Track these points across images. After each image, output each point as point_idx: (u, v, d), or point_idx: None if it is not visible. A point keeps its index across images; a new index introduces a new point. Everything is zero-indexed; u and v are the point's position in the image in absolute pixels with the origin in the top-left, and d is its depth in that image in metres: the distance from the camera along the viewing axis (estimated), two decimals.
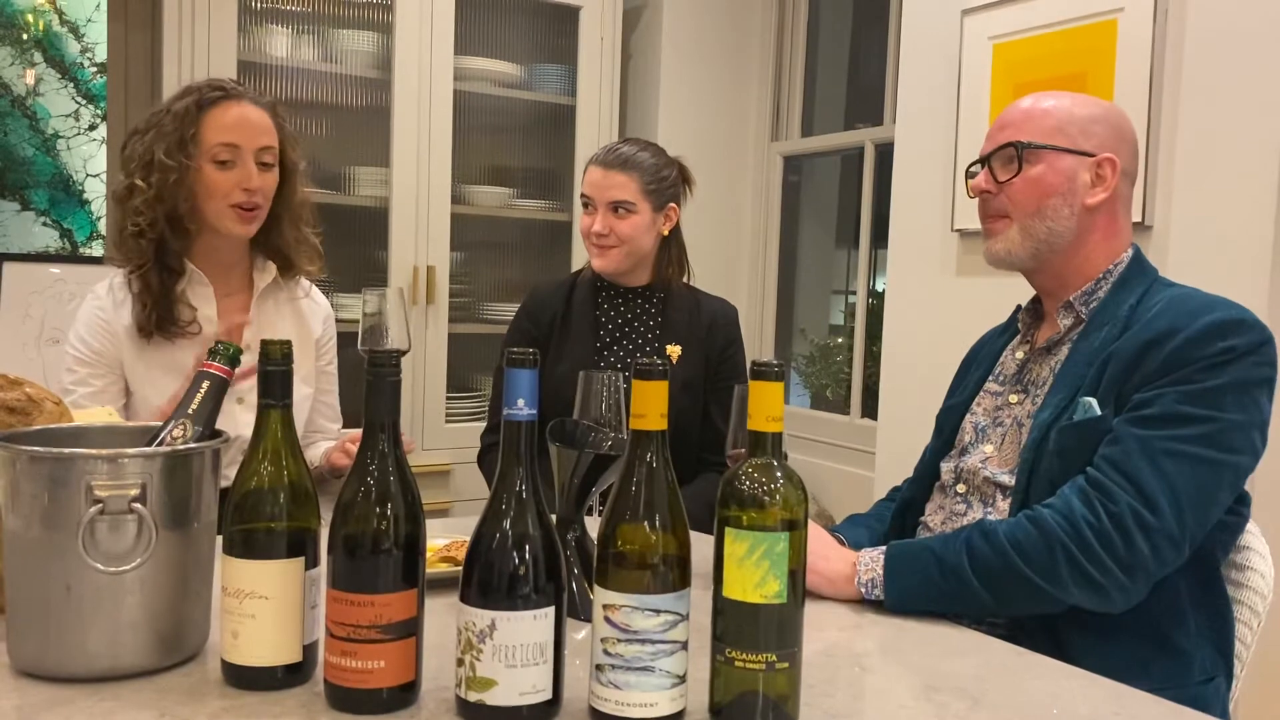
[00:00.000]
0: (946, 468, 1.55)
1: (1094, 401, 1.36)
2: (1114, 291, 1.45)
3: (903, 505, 1.63)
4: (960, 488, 1.51)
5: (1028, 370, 1.53)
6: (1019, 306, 1.61)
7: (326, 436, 2.03)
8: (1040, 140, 1.45)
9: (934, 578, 1.32)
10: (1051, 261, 1.47)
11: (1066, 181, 1.44)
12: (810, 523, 1.42)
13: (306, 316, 1.99)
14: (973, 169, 1.53)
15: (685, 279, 2.22)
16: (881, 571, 1.35)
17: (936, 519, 1.54)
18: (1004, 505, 1.43)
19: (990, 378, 1.59)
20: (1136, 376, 1.33)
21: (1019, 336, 1.59)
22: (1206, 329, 1.31)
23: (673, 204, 2.14)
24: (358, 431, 1.86)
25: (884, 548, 1.38)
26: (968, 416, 1.57)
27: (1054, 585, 1.28)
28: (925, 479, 1.60)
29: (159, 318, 1.80)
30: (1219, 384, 1.29)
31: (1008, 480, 1.44)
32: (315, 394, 2.01)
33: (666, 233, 2.14)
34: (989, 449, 1.50)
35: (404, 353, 1.65)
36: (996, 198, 1.48)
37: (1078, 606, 1.30)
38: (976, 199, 1.52)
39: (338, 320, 2.08)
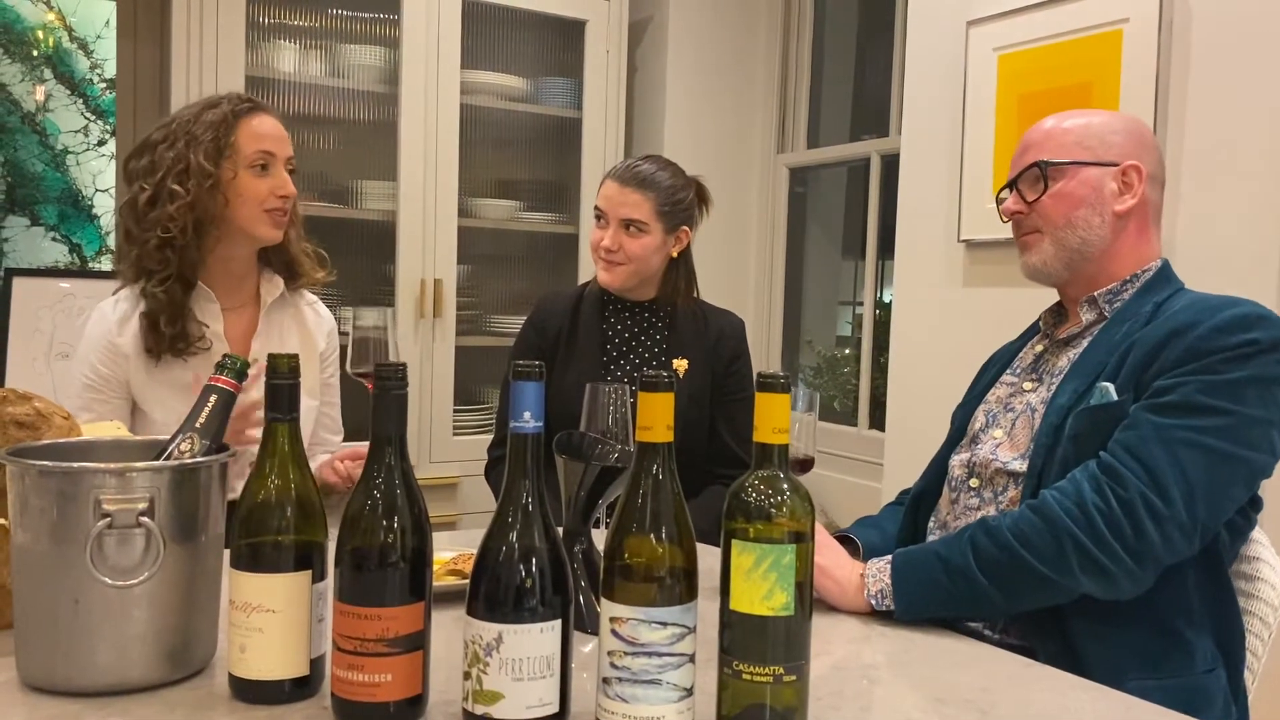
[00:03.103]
0: (957, 460, 1.55)
1: (1111, 387, 1.36)
2: (1139, 294, 1.46)
3: (915, 499, 1.63)
4: (973, 482, 1.51)
5: (1044, 361, 1.54)
6: (1041, 315, 1.62)
7: (327, 449, 2.04)
8: (1063, 157, 1.47)
9: (942, 581, 1.32)
10: (1084, 270, 1.49)
11: (1093, 192, 1.46)
12: (821, 530, 1.43)
13: (311, 330, 2.01)
14: (1002, 194, 1.55)
15: (693, 295, 2.22)
16: (889, 581, 1.35)
17: (949, 515, 1.54)
18: (1015, 495, 1.43)
19: (1007, 371, 1.60)
20: (1157, 365, 1.34)
21: (1039, 334, 1.60)
22: (1229, 321, 1.32)
23: (685, 227, 2.13)
24: (353, 447, 1.87)
25: (889, 557, 1.38)
26: (980, 407, 1.58)
27: (1063, 575, 1.28)
28: (937, 473, 1.60)
29: (172, 336, 1.80)
30: (1240, 376, 1.30)
31: (1018, 466, 1.44)
32: (318, 406, 2.01)
33: (676, 255, 2.14)
34: (999, 434, 1.50)
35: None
36: (1028, 217, 1.51)
37: (1087, 595, 1.29)
38: (1010, 221, 1.54)
39: (346, 335, 2.09)
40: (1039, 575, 1.28)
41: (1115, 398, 1.35)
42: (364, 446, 1.78)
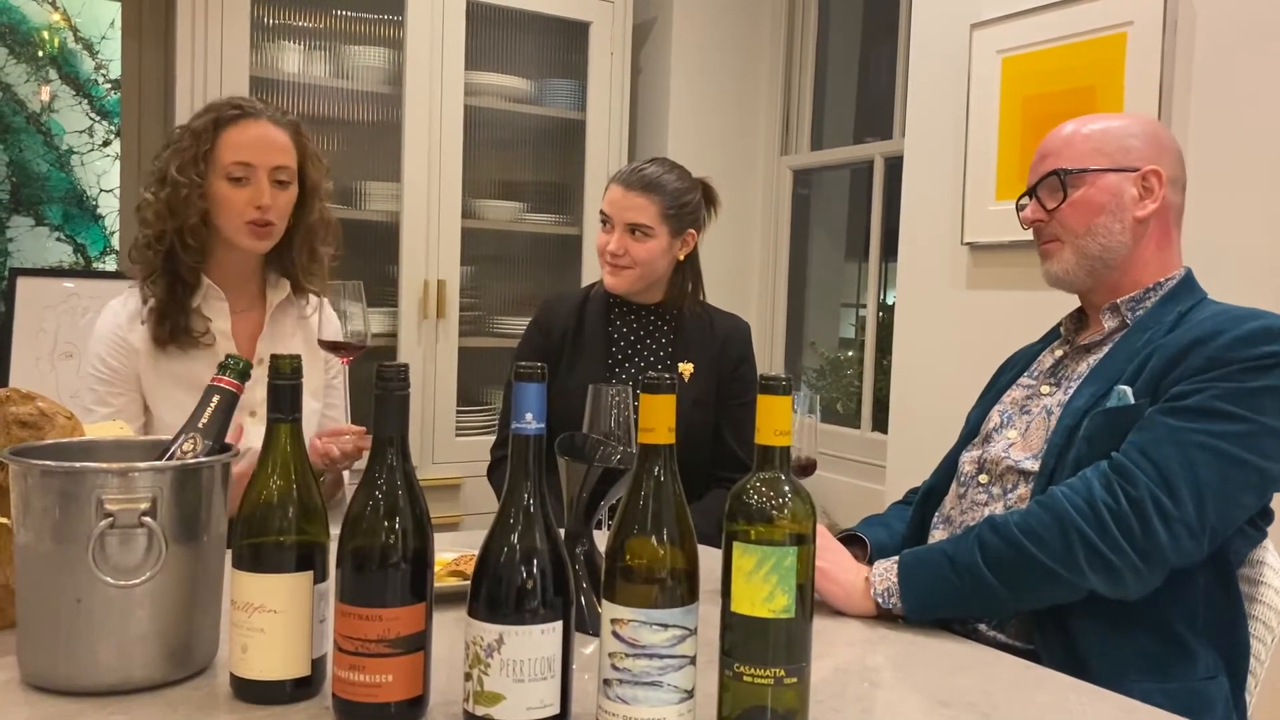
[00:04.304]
0: (968, 457, 1.55)
1: (1129, 390, 1.36)
2: (1162, 303, 1.46)
3: (925, 495, 1.62)
4: (982, 478, 1.51)
5: (1064, 366, 1.54)
6: (1062, 320, 1.61)
7: None
8: (1081, 164, 1.46)
9: (949, 579, 1.32)
10: (1107, 277, 1.49)
11: (1113, 199, 1.46)
12: (826, 534, 1.43)
13: (316, 332, 2.00)
14: (1021, 201, 1.55)
15: (699, 298, 2.21)
16: (896, 579, 1.34)
17: (955, 511, 1.53)
18: (1025, 492, 1.43)
19: (1024, 374, 1.59)
20: (1177, 372, 1.34)
21: (1060, 339, 1.59)
22: (1254, 332, 1.32)
23: (692, 229, 2.12)
24: (335, 425, 1.90)
25: (896, 557, 1.38)
26: (995, 407, 1.57)
27: (1070, 571, 1.27)
28: (948, 470, 1.60)
29: (173, 327, 1.82)
30: (1260, 386, 1.30)
31: (1030, 466, 1.43)
32: (322, 408, 2.01)
33: (683, 258, 2.14)
34: (1013, 434, 1.50)
35: (365, 344, 1.72)
36: (1048, 225, 1.50)
37: (1092, 595, 1.29)
38: (1030, 229, 1.54)
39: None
40: (1046, 570, 1.28)
41: (1132, 401, 1.35)
42: (345, 425, 1.82)
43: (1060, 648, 1.32)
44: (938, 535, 1.54)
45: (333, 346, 1.75)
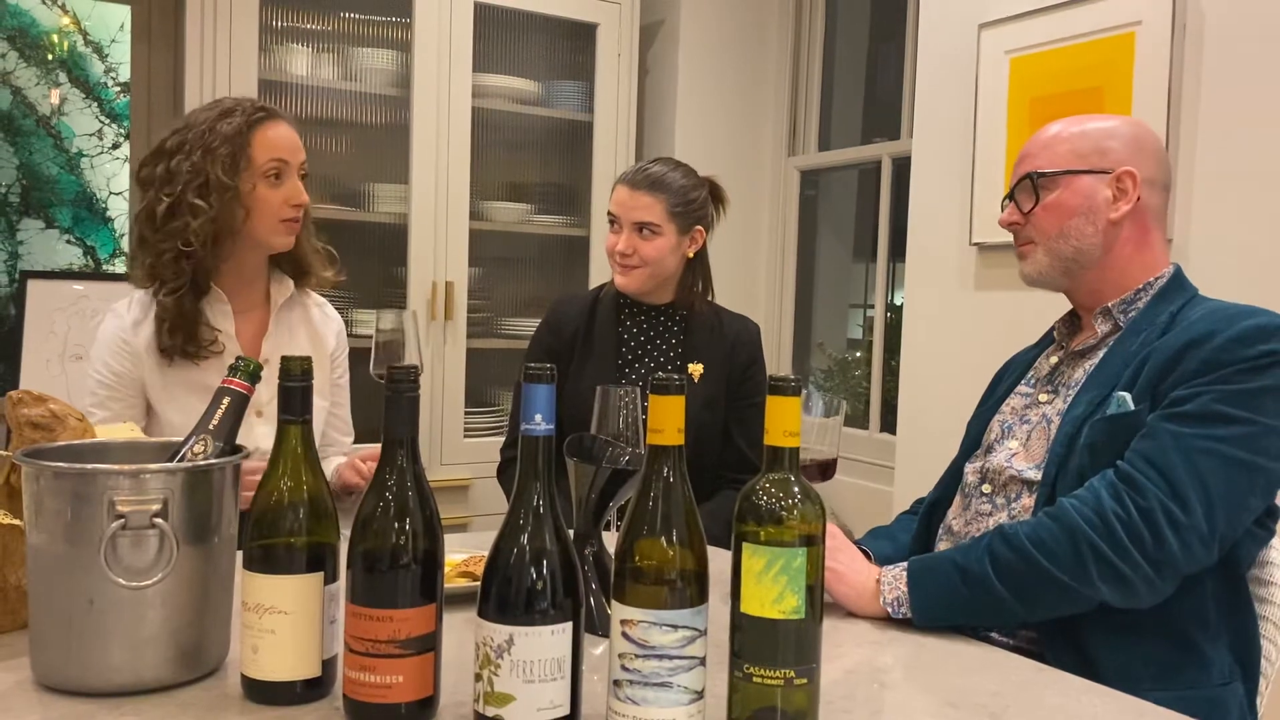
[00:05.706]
0: (971, 468, 1.55)
1: (1128, 396, 1.36)
2: (1153, 303, 1.46)
3: (930, 507, 1.62)
4: (986, 488, 1.50)
5: (1060, 373, 1.54)
6: (1055, 324, 1.61)
7: (338, 450, 2.05)
8: (1056, 166, 1.47)
9: (959, 589, 1.32)
10: (1084, 277, 1.49)
11: (1085, 201, 1.46)
12: (837, 532, 1.42)
13: (320, 330, 2.01)
14: (1004, 203, 1.56)
15: (709, 298, 2.21)
16: (905, 588, 1.34)
17: (959, 521, 1.53)
18: (1028, 502, 1.43)
19: (1022, 382, 1.59)
20: (1174, 375, 1.33)
21: (1054, 344, 1.59)
22: (1248, 332, 1.31)
23: (699, 227, 2.13)
24: (369, 448, 1.87)
25: (905, 564, 1.37)
26: (995, 417, 1.57)
27: (1082, 583, 1.27)
28: (952, 481, 1.60)
29: (185, 338, 1.81)
30: (1258, 387, 1.29)
31: (1033, 475, 1.43)
32: (329, 407, 2.02)
33: (692, 255, 2.14)
34: (1014, 444, 1.50)
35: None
36: (1024, 227, 1.51)
37: (1103, 604, 1.29)
38: (1009, 230, 1.55)
39: (356, 336, 2.10)
40: (1058, 583, 1.27)
41: (1132, 407, 1.35)
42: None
43: (1072, 657, 1.31)
44: (942, 548, 1.54)
45: (384, 378, 1.70)
